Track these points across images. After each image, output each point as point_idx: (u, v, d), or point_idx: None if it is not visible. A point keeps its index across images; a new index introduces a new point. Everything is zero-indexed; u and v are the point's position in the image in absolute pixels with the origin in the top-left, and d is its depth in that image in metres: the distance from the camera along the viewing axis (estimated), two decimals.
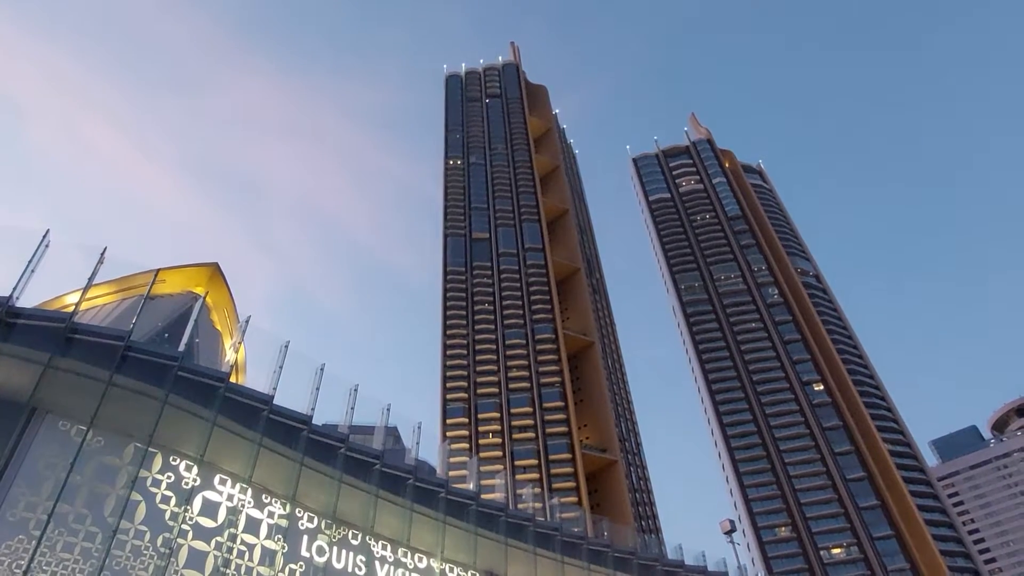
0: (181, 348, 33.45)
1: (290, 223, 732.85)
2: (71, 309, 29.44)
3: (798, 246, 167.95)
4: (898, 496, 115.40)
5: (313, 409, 34.39)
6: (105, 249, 31.15)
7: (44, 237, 30.22)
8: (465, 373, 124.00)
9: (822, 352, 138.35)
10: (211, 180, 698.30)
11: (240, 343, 40.10)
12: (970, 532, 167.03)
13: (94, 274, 30.65)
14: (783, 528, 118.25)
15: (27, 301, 28.89)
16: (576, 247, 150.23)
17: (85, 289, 30.68)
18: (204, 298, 47.70)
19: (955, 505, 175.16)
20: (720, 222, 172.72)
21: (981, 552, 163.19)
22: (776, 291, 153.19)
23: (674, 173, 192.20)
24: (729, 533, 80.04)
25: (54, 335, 27.71)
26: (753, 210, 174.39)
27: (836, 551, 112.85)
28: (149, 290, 34.74)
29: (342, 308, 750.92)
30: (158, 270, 35.73)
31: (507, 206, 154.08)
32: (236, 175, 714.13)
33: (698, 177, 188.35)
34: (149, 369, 29.71)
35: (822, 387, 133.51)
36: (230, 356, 41.53)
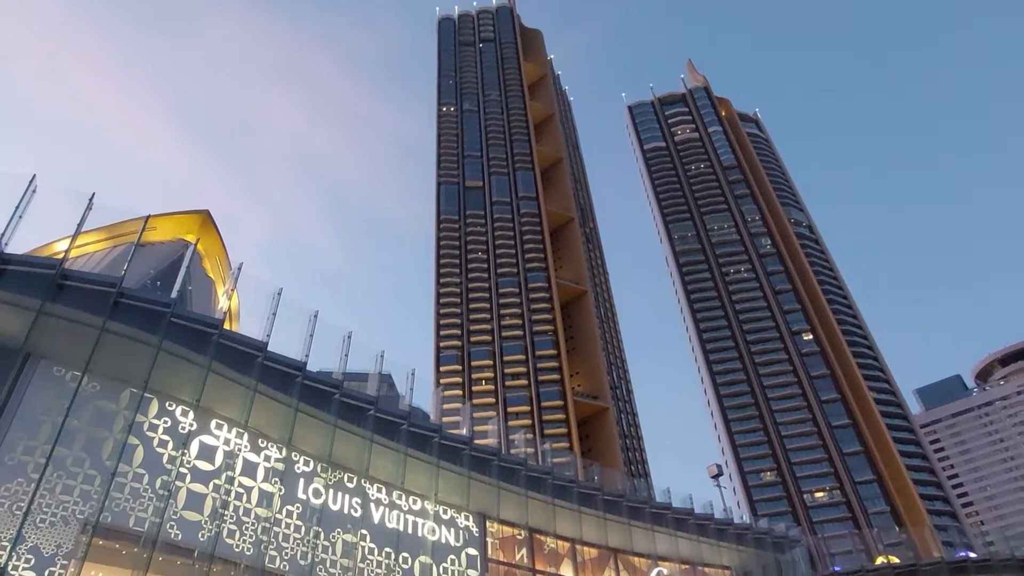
0: (174, 295, 33.39)
1: (282, 170, 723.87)
2: (61, 256, 29.24)
3: (792, 196, 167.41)
4: (881, 442, 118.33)
5: (307, 356, 34.65)
6: (93, 195, 30.76)
7: (31, 183, 29.77)
8: (458, 321, 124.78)
9: (812, 302, 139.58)
10: (201, 126, 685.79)
11: (233, 290, 40.10)
12: (950, 477, 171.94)
13: (83, 220, 30.33)
14: (768, 472, 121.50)
15: (15, 248, 28.62)
16: (570, 196, 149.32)
17: (74, 236, 30.41)
18: (195, 245, 47.44)
19: (936, 451, 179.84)
20: (715, 171, 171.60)
21: (959, 496, 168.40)
22: (769, 241, 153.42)
23: (670, 122, 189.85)
24: (716, 477, 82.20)
25: (45, 281, 27.59)
26: (748, 160, 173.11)
27: (819, 495, 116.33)
28: (140, 237, 34.41)
29: (335, 256, 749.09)
30: (148, 216, 35.34)
31: (501, 154, 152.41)
32: (226, 121, 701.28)
33: (694, 126, 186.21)
34: (142, 316, 29.72)
35: (811, 337, 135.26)
36: (223, 303, 41.56)
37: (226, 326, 33.92)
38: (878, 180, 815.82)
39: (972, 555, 70.89)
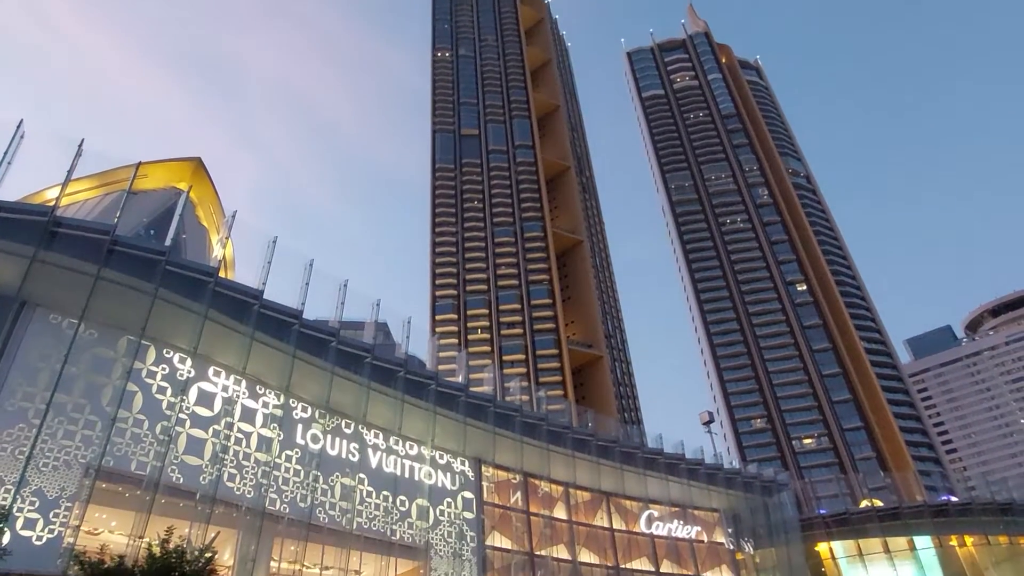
0: (167, 243, 33.27)
1: (273, 117, 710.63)
2: (52, 204, 28.97)
3: (791, 146, 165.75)
4: (870, 391, 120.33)
5: (303, 304, 34.80)
6: (83, 141, 30.31)
7: (18, 128, 29.25)
8: (454, 270, 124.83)
9: (807, 253, 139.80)
10: (189, 70, 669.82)
11: (227, 238, 39.96)
12: (936, 425, 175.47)
13: (73, 167, 29.98)
14: (758, 420, 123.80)
15: (4, 196, 28.32)
16: (566, 144, 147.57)
17: (65, 183, 30.09)
18: (188, 193, 46.97)
19: (924, 400, 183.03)
20: (713, 120, 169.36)
21: (944, 443, 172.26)
22: (766, 191, 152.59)
23: (669, 69, 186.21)
24: (707, 424, 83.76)
25: (37, 229, 27.40)
26: (748, 108, 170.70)
27: (807, 441, 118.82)
28: (131, 184, 34.01)
29: (329, 205, 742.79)
30: (140, 164, 34.87)
31: (497, 101, 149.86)
32: (215, 65, 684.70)
33: (693, 73, 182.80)
34: (137, 263, 29.66)
35: (805, 287, 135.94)
36: (218, 251, 41.43)
37: (221, 274, 33.89)
38: (876, 130, 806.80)
39: (954, 499, 72.93)
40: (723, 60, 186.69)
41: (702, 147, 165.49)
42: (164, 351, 31.94)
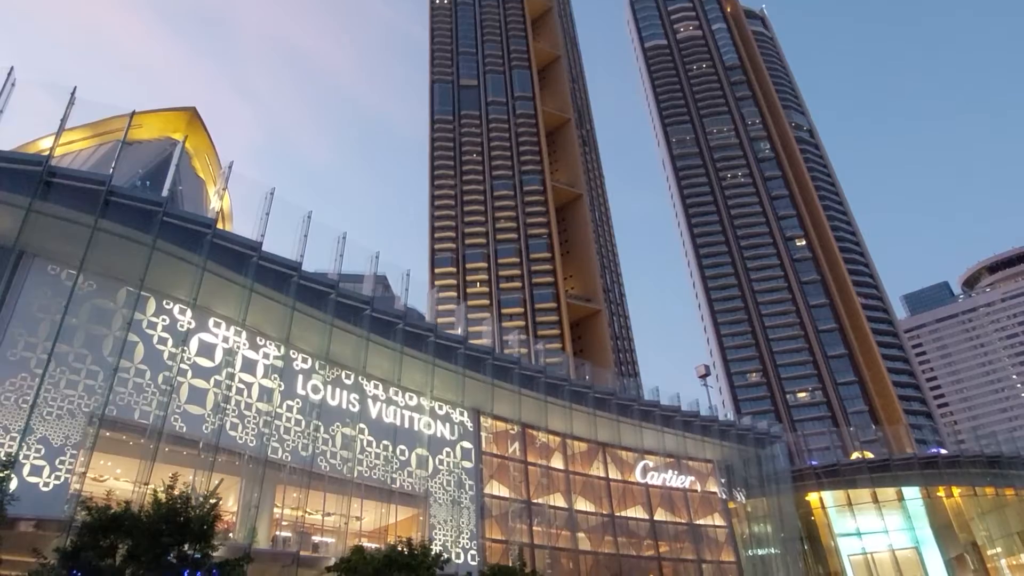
0: (164, 194, 33.05)
1: (268, 67, 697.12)
2: (47, 154, 28.65)
3: (795, 99, 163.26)
4: (865, 346, 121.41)
5: (302, 256, 34.76)
6: (75, 89, 29.80)
7: (9, 75, 28.73)
8: (453, 223, 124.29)
9: (808, 208, 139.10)
10: (183, 20, 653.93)
11: (224, 190, 39.68)
12: (928, 380, 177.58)
13: (66, 116, 29.55)
14: (754, 374, 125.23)
15: None
16: (567, 96, 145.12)
17: (58, 132, 29.70)
18: (183, 143, 46.47)
19: (918, 355, 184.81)
20: (717, 72, 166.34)
21: (936, 398, 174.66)
22: (768, 146, 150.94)
23: (672, 18, 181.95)
24: (703, 377, 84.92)
25: (32, 179, 27.15)
26: (752, 60, 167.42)
27: (801, 395, 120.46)
28: (126, 134, 33.61)
29: (326, 156, 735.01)
30: (134, 113, 34.34)
31: (496, 51, 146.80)
32: (210, 15, 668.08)
33: (697, 23, 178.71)
34: (134, 214, 29.49)
35: (804, 242, 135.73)
36: (215, 203, 41.19)
37: (219, 226, 33.74)
38: (880, 85, 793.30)
39: (943, 452, 74.43)
40: (728, 9, 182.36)
41: (704, 99, 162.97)
42: (164, 302, 32.05)
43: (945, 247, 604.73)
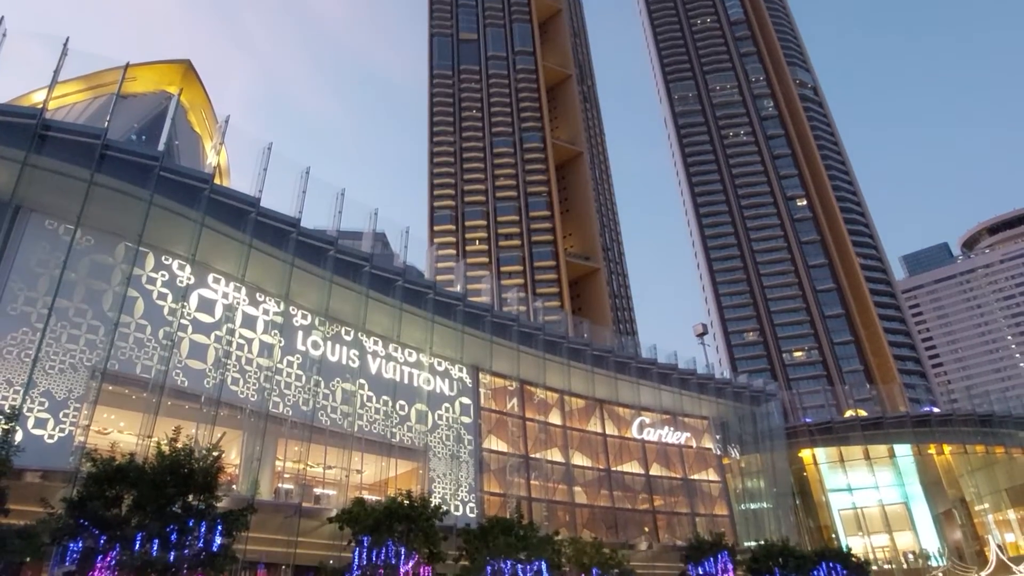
0: (160, 148, 32.71)
1: (264, 17, 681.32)
2: (40, 106, 28.26)
3: (800, 55, 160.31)
4: (863, 306, 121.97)
5: (301, 212, 34.64)
6: (68, 40, 29.24)
7: None
8: (452, 181, 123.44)
9: (810, 168, 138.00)
10: None
11: (221, 144, 39.27)
12: (924, 340, 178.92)
13: (59, 68, 29.06)
14: (751, 333, 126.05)
15: None
16: (568, 52, 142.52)
17: (52, 84, 29.24)
18: (179, 97, 45.78)
19: (915, 316, 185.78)
20: (721, 27, 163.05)
21: (931, 358, 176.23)
22: (771, 103, 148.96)
23: None
24: (701, 336, 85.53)
25: (26, 132, 26.83)
26: (757, 14, 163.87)
27: (798, 354, 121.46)
28: (120, 87, 33.07)
29: (324, 111, 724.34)
30: (128, 65, 33.73)
31: (496, 3, 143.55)
32: None
33: None
34: (130, 169, 29.25)
35: (805, 202, 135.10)
36: (212, 158, 40.84)
37: (216, 181, 33.51)
38: (885, 44, 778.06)
39: (936, 411, 75.39)
40: None
41: (708, 55, 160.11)
42: (163, 258, 32.04)
43: (946, 208, 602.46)
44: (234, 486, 30.42)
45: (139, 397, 29.09)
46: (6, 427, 20.46)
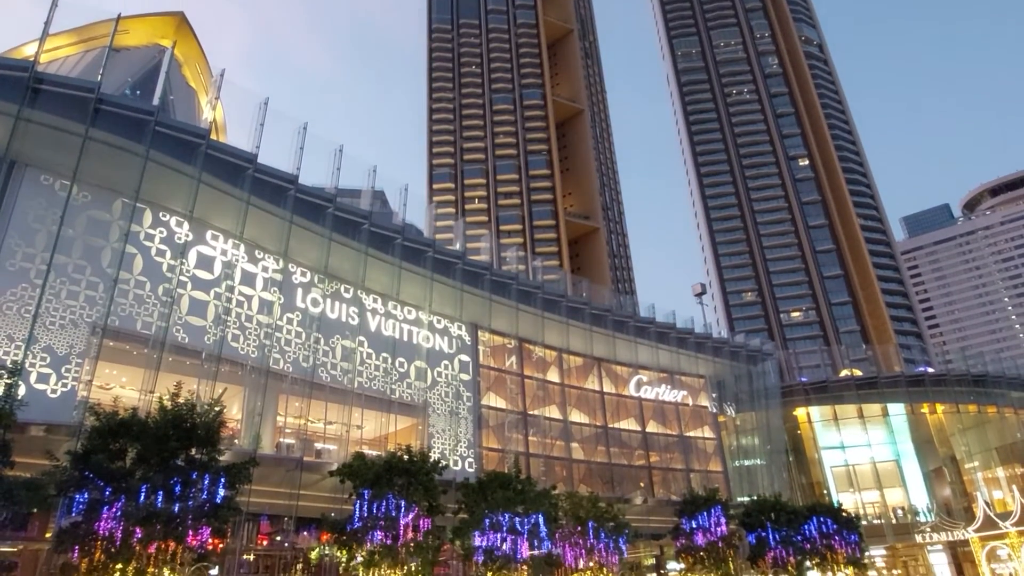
0: (155, 103, 32.26)
1: None
2: (32, 60, 27.75)
3: (806, 12, 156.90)
4: (861, 267, 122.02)
5: (299, 168, 34.35)
6: None
7: None
8: (451, 139, 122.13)
9: (813, 127, 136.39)
10: None
11: (217, 99, 38.76)
12: (921, 301, 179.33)
13: (49, 20, 28.51)
14: (749, 293, 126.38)
15: None
16: (570, 6, 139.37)
17: (43, 37, 28.68)
18: (172, 50, 45.01)
19: (913, 277, 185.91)
20: None
21: (928, 319, 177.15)
22: (776, 61, 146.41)
23: None
24: (699, 295, 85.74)
25: (18, 85, 26.40)
26: None
27: (795, 314, 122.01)
28: (112, 40, 32.46)
29: (320, 67, 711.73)
30: (120, 17, 33.01)
31: None
32: None
33: None
34: (125, 123, 28.89)
35: (807, 162, 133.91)
36: (208, 114, 40.36)
37: (212, 137, 33.16)
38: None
39: (931, 370, 76.11)
40: None
41: (713, 11, 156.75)
42: (160, 214, 31.90)
43: (950, 169, 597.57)
44: (236, 440, 30.87)
45: (140, 353, 29.29)
46: (9, 381, 20.63)
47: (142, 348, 29.25)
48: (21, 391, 22.57)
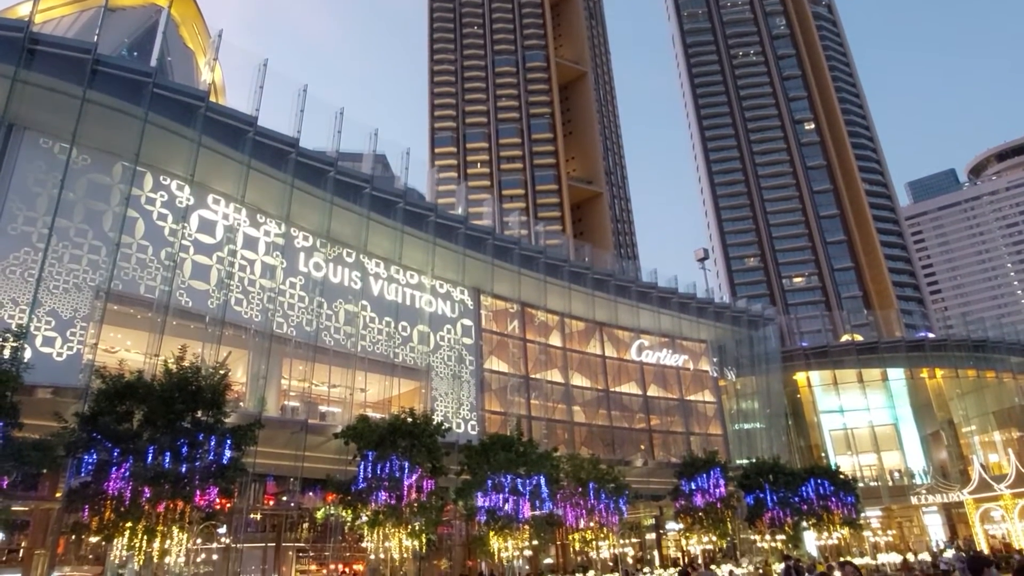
0: (152, 64, 31.83)
1: None
2: (27, 20, 27.30)
3: None
4: (865, 233, 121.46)
5: (299, 132, 34.02)
6: None
7: None
8: (453, 102, 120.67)
9: (820, 90, 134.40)
10: None
11: (215, 61, 38.25)
12: (924, 267, 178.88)
13: None
14: (752, 258, 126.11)
15: None
16: None
17: None
18: (169, 10, 44.24)
19: (917, 243, 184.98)
20: None
21: (930, 285, 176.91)
22: (784, 22, 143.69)
23: None
24: (702, 261, 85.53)
25: (14, 46, 26.02)
26: None
27: (797, 280, 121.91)
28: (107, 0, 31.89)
29: (319, 29, 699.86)
30: None
31: None
32: None
33: None
34: (123, 85, 28.54)
35: (813, 126, 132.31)
36: (206, 75, 39.85)
37: (211, 99, 32.76)
38: None
39: (931, 336, 76.27)
40: None
41: None
42: (161, 178, 31.73)
43: (957, 133, 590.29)
44: (241, 403, 31.18)
45: (144, 317, 29.42)
46: (15, 344, 20.78)
47: (146, 312, 29.37)
48: (27, 354, 22.76)
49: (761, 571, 39.71)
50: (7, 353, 20.54)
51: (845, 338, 73.26)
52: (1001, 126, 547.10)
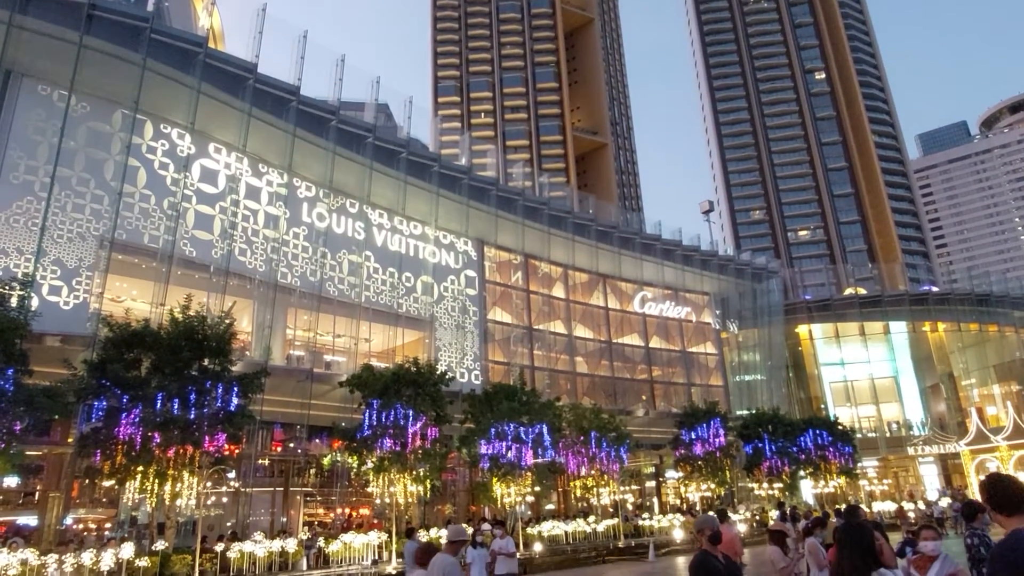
0: (149, 9, 31.14)
1: None
2: None
3: None
4: (872, 186, 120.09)
5: (300, 79, 33.53)
6: None
7: None
8: (457, 49, 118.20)
9: (832, 39, 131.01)
10: None
11: (213, 5, 37.42)
12: (931, 221, 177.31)
13: None
14: (757, 211, 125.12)
15: None
16: None
17: None
18: None
19: (925, 196, 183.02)
20: None
21: (936, 238, 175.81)
22: None
23: None
24: (707, 213, 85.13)
25: None
26: None
27: (803, 233, 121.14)
28: None
29: None
30: None
31: None
32: None
33: None
34: (120, 31, 28.03)
35: (823, 76, 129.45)
36: (204, 20, 39.04)
37: (210, 46, 32.18)
38: None
39: (935, 289, 76.21)
40: None
41: None
42: (161, 126, 31.40)
43: (969, 85, 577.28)
44: (247, 352, 31.51)
45: (149, 266, 29.51)
46: (21, 292, 20.93)
47: (150, 262, 29.45)
48: (35, 303, 22.93)
49: (758, 518, 40.62)
50: (14, 302, 20.71)
51: (848, 291, 73.29)
52: (1015, 78, 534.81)
